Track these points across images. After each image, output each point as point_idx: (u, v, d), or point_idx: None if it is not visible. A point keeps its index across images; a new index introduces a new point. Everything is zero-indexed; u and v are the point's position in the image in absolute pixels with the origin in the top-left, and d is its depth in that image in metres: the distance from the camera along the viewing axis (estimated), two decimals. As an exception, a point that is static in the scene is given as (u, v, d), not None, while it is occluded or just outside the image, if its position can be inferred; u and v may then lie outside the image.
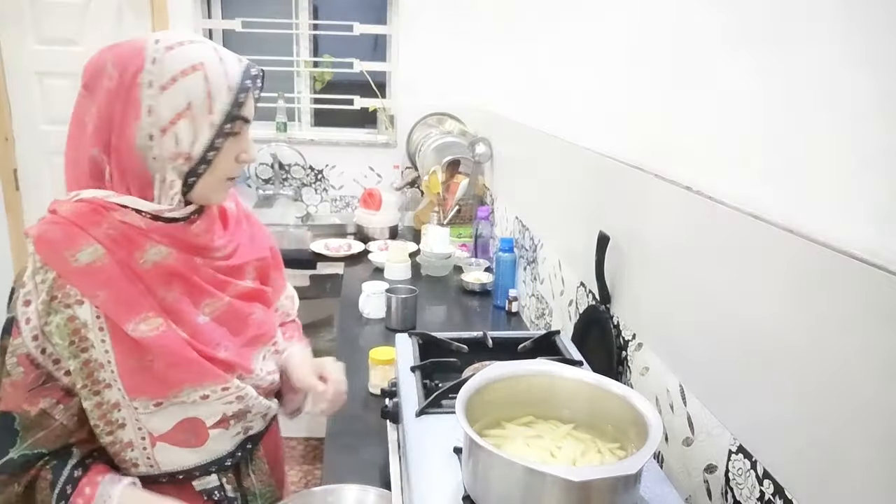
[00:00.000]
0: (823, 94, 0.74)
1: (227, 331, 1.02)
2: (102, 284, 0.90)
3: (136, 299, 0.92)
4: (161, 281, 0.94)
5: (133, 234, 0.93)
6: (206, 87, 0.90)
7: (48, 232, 0.93)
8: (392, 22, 3.25)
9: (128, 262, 0.92)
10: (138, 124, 0.90)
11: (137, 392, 0.93)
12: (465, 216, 2.75)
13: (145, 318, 0.91)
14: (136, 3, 3.04)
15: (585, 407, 0.94)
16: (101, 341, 0.91)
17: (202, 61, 0.91)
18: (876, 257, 0.65)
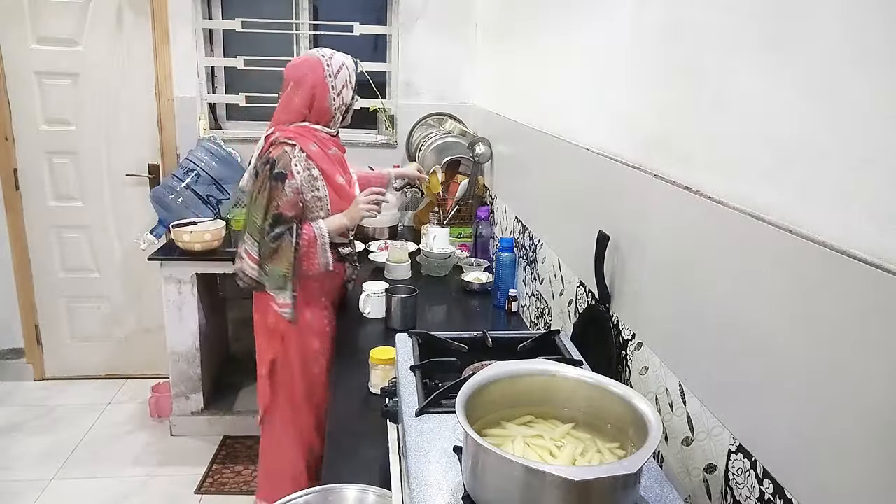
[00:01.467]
0: (824, 94, 0.74)
1: (353, 186, 2.09)
2: (321, 160, 1.96)
3: (332, 166, 2.00)
4: (334, 161, 2.02)
5: (325, 140, 2.01)
6: (347, 74, 2.00)
7: (296, 137, 1.94)
8: (392, 22, 3.25)
9: (324, 150, 1.98)
10: (330, 94, 1.98)
11: (333, 209, 2.00)
12: (465, 216, 2.75)
13: (338, 176, 2.01)
14: (136, 3, 3.04)
15: (585, 406, 0.94)
16: (322, 186, 1.97)
17: (343, 63, 2.00)
18: (876, 257, 0.65)
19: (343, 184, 2.01)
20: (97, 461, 2.76)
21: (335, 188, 1.98)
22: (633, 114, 1.28)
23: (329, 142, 2.00)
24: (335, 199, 1.98)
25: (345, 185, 2.02)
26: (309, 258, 1.94)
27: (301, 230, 1.92)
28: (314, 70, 1.94)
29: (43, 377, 3.43)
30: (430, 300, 2.19)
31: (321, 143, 1.97)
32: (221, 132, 3.33)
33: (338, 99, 1.97)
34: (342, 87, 1.97)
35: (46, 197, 3.22)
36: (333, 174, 1.98)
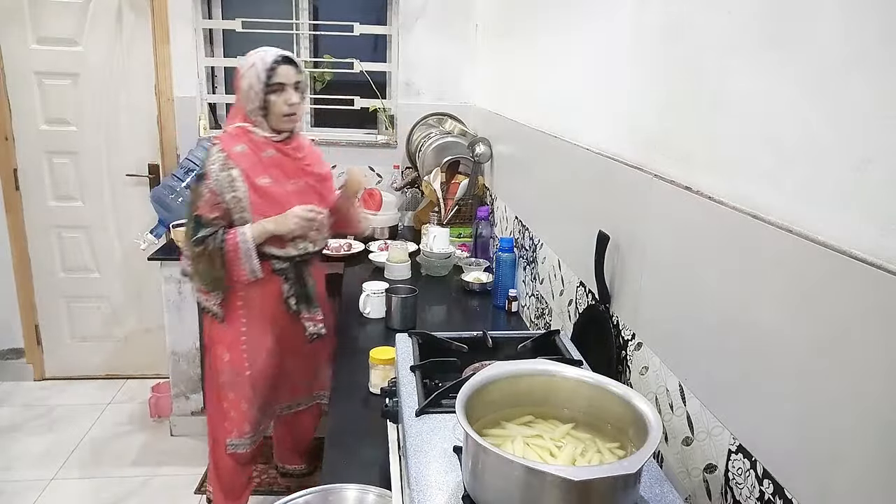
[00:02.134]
0: (824, 94, 0.74)
1: (301, 197, 1.97)
2: (244, 161, 1.91)
3: (259, 169, 1.92)
4: (270, 165, 1.95)
5: (259, 142, 1.94)
6: (256, 73, 1.90)
7: (226, 137, 1.93)
8: (392, 22, 3.25)
9: (257, 154, 1.93)
10: (242, 95, 1.94)
11: (255, 213, 1.92)
12: (465, 216, 2.74)
13: (264, 177, 1.92)
14: (136, 3, 3.04)
15: (585, 406, 0.94)
16: (243, 186, 1.90)
17: (254, 62, 1.91)
18: (876, 257, 0.65)
19: (267, 186, 1.92)
20: (97, 461, 2.76)
21: (256, 189, 1.91)
22: (633, 114, 1.28)
23: (266, 145, 1.94)
24: (257, 202, 1.91)
25: (272, 188, 1.93)
26: (234, 264, 1.92)
27: (227, 234, 1.91)
28: (237, 72, 1.96)
29: (43, 377, 3.43)
30: (430, 300, 2.19)
31: (254, 145, 1.93)
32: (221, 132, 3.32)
33: (248, 101, 1.91)
34: (248, 89, 1.90)
35: (46, 197, 3.22)
36: (256, 175, 1.91)
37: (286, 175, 1.97)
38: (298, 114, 1.96)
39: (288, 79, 1.90)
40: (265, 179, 1.92)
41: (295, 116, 1.95)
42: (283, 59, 1.90)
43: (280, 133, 1.96)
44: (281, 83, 1.89)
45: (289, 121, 1.95)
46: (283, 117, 1.93)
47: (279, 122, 1.93)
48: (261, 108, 1.90)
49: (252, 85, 1.89)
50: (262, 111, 1.91)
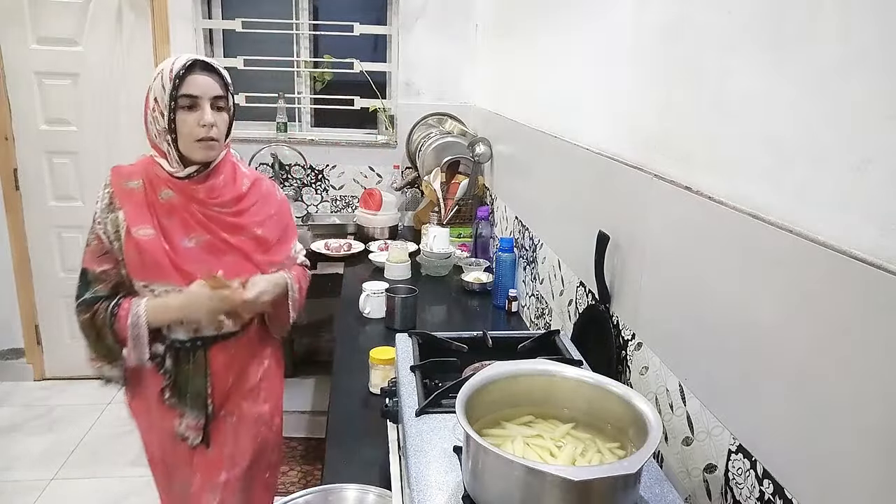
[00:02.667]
0: (824, 94, 0.74)
1: (209, 256, 1.46)
2: (130, 202, 1.43)
3: (145, 215, 1.43)
4: (166, 211, 1.45)
5: (158, 180, 1.46)
6: (161, 83, 1.40)
7: (120, 167, 1.49)
8: (392, 22, 3.25)
9: (151, 195, 1.45)
10: (146, 115, 1.45)
11: (133, 274, 1.44)
12: (465, 216, 2.74)
13: (145, 227, 1.42)
14: (136, 3, 3.04)
15: (585, 406, 0.94)
16: (117, 236, 1.42)
17: (162, 69, 1.41)
18: (876, 257, 0.65)
19: (145, 240, 1.40)
20: (97, 461, 2.76)
21: (130, 242, 1.41)
22: (633, 114, 1.28)
23: (166, 183, 1.44)
24: (134, 259, 1.41)
25: (150, 243, 1.41)
26: (123, 344, 1.45)
27: (118, 307, 1.43)
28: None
29: (43, 377, 3.43)
30: (430, 300, 2.19)
31: (152, 181, 1.45)
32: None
33: (152, 122, 1.43)
34: (152, 105, 1.41)
35: (46, 197, 3.22)
36: (136, 222, 1.41)
37: (184, 227, 1.45)
38: (218, 138, 1.43)
39: (203, 91, 1.40)
40: (144, 230, 1.41)
41: (213, 142, 1.42)
42: (198, 64, 1.41)
43: (188, 166, 1.44)
44: (192, 96, 1.39)
45: (204, 147, 1.42)
46: (195, 143, 1.41)
47: (190, 149, 1.42)
48: (167, 131, 1.40)
49: (157, 99, 1.40)
50: (168, 134, 1.40)
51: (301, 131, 3.40)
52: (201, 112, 1.40)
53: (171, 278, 1.43)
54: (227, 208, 1.49)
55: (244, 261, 1.51)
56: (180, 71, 1.38)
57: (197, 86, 1.40)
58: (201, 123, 1.40)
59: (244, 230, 1.51)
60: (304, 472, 2.72)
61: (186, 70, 1.39)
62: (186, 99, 1.39)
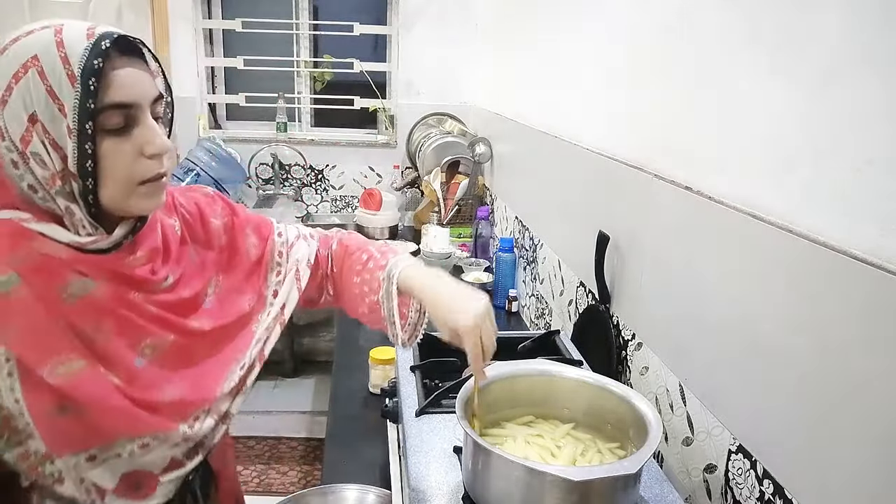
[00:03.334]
0: (824, 94, 0.74)
1: (171, 371, 0.84)
2: (14, 320, 0.73)
3: (55, 339, 0.74)
4: (89, 319, 0.77)
5: (54, 266, 0.75)
6: (44, 85, 0.70)
7: None
8: (392, 22, 3.25)
9: (48, 297, 0.74)
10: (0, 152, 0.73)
11: (62, 447, 0.76)
12: (465, 216, 2.74)
13: (66, 360, 0.74)
14: (136, 3, 3.04)
15: (585, 407, 0.94)
16: (9, 389, 0.72)
17: (35, 53, 0.71)
18: (877, 257, 0.65)
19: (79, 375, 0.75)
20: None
21: (48, 394, 0.74)
22: (633, 114, 1.28)
23: (70, 266, 0.76)
24: (57, 423, 0.75)
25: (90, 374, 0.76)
26: None
27: None
28: None
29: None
30: (430, 300, 2.18)
31: (38, 271, 0.75)
32: (221, 132, 3.33)
33: (22, 164, 0.73)
34: (19, 128, 0.72)
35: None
36: (40, 356, 0.73)
37: (126, 335, 0.80)
38: (168, 167, 0.80)
39: (141, 93, 0.76)
40: (67, 365, 0.75)
41: (165, 181, 0.80)
42: (116, 42, 0.74)
43: (112, 228, 0.79)
44: (124, 105, 0.74)
45: (153, 192, 0.79)
46: (139, 187, 0.77)
47: (125, 198, 0.77)
48: (75, 175, 0.73)
49: (37, 117, 0.71)
50: (76, 181, 0.73)
51: (301, 131, 3.40)
52: (145, 131, 0.76)
53: (141, 429, 0.80)
54: (168, 278, 0.85)
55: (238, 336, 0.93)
56: (95, 61, 0.71)
57: (130, 84, 0.75)
58: (148, 152, 0.76)
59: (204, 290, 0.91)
60: (304, 472, 2.72)
61: (101, 53, 0.72)
62: (116, 112, 0.74)
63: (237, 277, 0.97)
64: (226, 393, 0.89)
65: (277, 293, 1.00)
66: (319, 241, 1.08)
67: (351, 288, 1.04)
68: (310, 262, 1.04)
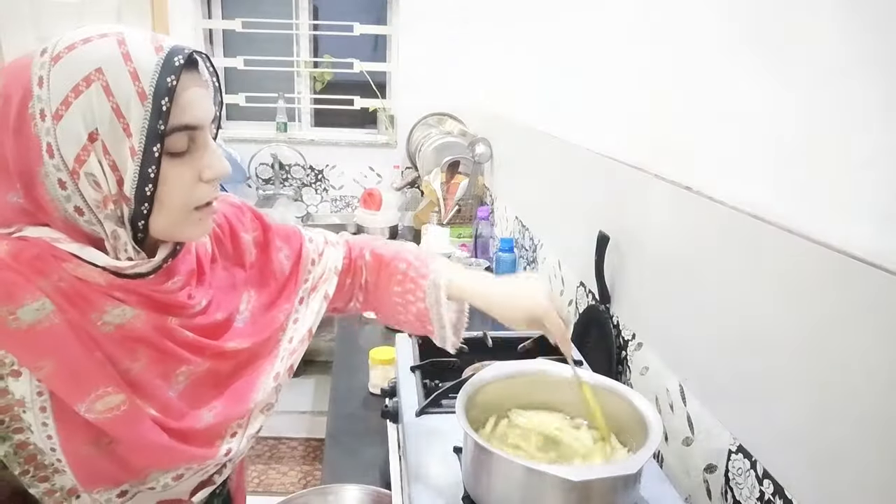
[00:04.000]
0: (824, 94, 0.74)
1: (206, 396, 0.81)
2: (50, 352, 0.67)
3: (91, 372, 0.70)
4: (125, 349, 0.73)
5: (89, 292, 0.70)
6: (109, 102, 0.65)
7: None
8: (392, 22, 3.25)
9: (83, 325, 0.69)
10: (42, 170, 0.67)
11: (94, 483, 0.72)
12: (465, 216, 2.74)
13: (103, 394, 0.70)
14: (135, 3, 3.04)
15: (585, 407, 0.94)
16: (41, 424, 0.68)
17: (98, 66, 0.65)
18: (876, 257, 0.65)
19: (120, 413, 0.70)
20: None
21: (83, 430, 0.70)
22: (632, 114, 1.28)
23: (106, 293, 0.71)
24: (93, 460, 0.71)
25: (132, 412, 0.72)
26: None
27: None
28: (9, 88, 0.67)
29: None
30: (430, 300, 2.18)
31: (70, 296, 0.69)
32: (221, 132, 3.33)
33: (79, 182, 0.67)
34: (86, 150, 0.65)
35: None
36: (76, 391, 0.68)
37: (162, 364, 0.77)
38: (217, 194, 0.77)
39: (205, 115, 0.73)
40: (105, 401, 0.70)
41: (216, 205, 0.77)
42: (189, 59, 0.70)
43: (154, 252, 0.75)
44: (191, 126, 0.70)
45: (205, 219, 0.76)
46: (192, 213, 0.74)
47: (178, 225, 0.74)
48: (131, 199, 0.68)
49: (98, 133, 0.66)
50: (130, 205, 0.69)
51: (301, 131, 3.40)
52: (208, 154, 0.73)
53: (177, 461, 0.77)
54: (201, 301, 0.82)
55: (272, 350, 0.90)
56: (168, 79, 0.67)
57: (199, 105, 0.72)
58: (208, 176, 0.73)
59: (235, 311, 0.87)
60: (304, 472, 2.72)
61: (175, 68, 0.68)
62: (183, 136, 0.70)
63: (270, 292, 0.93)
64: (259, 407, 0.86)
65: (305, 301, 0.96)
66: (345, 248, 1.05)
67: (391, 297, 1.02)
68: (337, 270, 1.00)
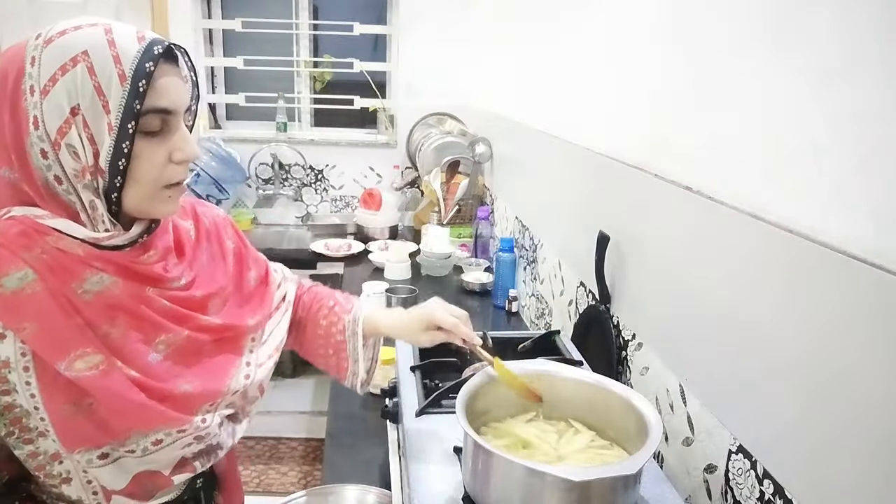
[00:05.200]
0: (823, 94, 0.74)
1: (184, 367, 0.86)
2: (31, 315, 0.74)
3: (71, 334, 0.76)
4: (104, 314, 0.79)
5: (69, 262, 0.77)
6: (92, 81, 0.73)
7: None
8: (392, 22, 3.25)
9: (63, 293, 0.76)
10: (29, 140, 0.74)
11: (75, 443, 0.77)
12: (465, 216, 2.75)
13: (82, 354, 0.75)
14: (135, 3, 3.04)
15: (585, 407, 0.94)
16: (25, 383, 0.75)
17: (85, 49, 0.75)
18: (876, 257, 0.65)
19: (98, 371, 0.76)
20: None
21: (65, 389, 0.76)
22: (633, 114, 1.28)
23: (84, 262, 0.78)
24: (73, 419, 0.77)
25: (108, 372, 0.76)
26: None
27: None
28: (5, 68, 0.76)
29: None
30: (430, 300, 2.18)
31: (51, 266, 0.76)
32: (221, 132, 3.33)
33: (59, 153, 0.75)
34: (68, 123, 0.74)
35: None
36: (57, 351, 0.75)
37: (142, 330, 0.82)
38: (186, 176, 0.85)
39: (179, 101, 0.81)
40: (85, 360, 0.76)
41: (184, 185, 0.85)
42: (164, 49, 0.78)
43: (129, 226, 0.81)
44: (165, 110, 0.78)
45: (174, 197, 0.83)
46: (162, 190, 0.81)
47: (148, 200, 0.80)
48: (104, 171, 0.75)
49: (80, 109, 0.74)
50: (103, 177, 0.76)
51: (301, 131, 3.40)
52: (178, 138, 0.80)
53: (156, 422, 0.80)
54: (181, 277, 0.88)
55: (235, 344, 0.95)
56: (147, 65, 0.75)
57: (173, 91, 0.79)
58: (178, 158, 0.80)
59: (216, 296, 0.94)
60: (304, 472, 2.72)
61: (151, 58, 0.75)
62: (156, 117, 0.77)
63: (242, 297, 1.01)
64: (232, 391, 0.90)
65: (269, 322, 1.03)
66: (297, 284, 1.16)
67: (316, 330, 1.12)
68: (291, 303, 1.10)
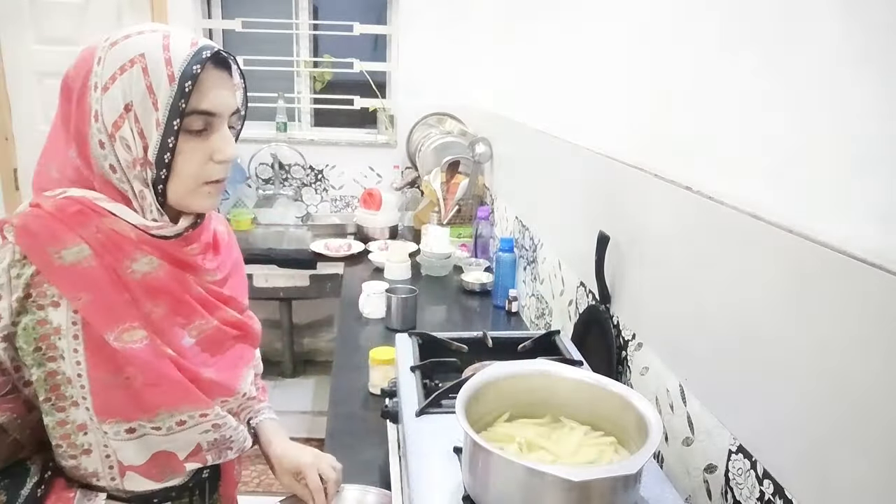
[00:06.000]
0: (823, 93, 0.74)
1: (209, 355, 0.94)
2: (87, 287, 0.81)
3: (121, 307, 0.84)
4: (149, 294, 0.87)
5: (122, 242, 0.85)
6: (145, 80, 0.81)
7: (32, 224, 0.82)
8: (392, 22, 3.25)
9: (115, 269, 0.84)
10: (90, 131, 0.83)
11: (108, 413, 0.84)
12: (465, 216, 2.75)
13: (129, 328, 0.83)
14: (136, 3, 3.04)
15: (585, 407, 0.94)
16: (73, 350, 0.82)
17: (142, 52, 0.82)
18: (876, 257, 0.65)
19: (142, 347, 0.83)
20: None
21: (109, 358, 0.82)
22: (632, 114, 1.28)
23: (137, 245, 0.85)
24: (112, 389, 0.83)
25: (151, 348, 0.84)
26: None
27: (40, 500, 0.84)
28: (79, 67, 0.90)
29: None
30: (430, 300, 2.19)
31: (106, 245, 0.83)
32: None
33: (115, 144, 0.82)
34: (112, 113, 0.81)
35: (46, 197, 3.22)
36: (107, 321, 0.82)
37: (178, 314, 0.90)
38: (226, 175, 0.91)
39: (224, 106, 0.87)
40: (131, 334, 0.83)
41: (222, 185, 0.91)
42: (214, 56, 0.85)
43: (176, 218, 0.90)
44: (209, 113, 0.85)
45: (213, 194, 0.90)
46: (202, 187, 0.88)
47: (189, 195, 0.87)
48: (152, 164, 0.83)
49: (132, 107, 0.81)
50: (151, 169, 0.83)
51: (301, 131, 3.40)
52: (219, 139, 0.86)
53: (185, 401, 0.87)
54: (217, 272, 0.98)
55: (246, 347, 1.02)
56: (194, 67, 0.81)
57: (218, 97, 0.85)
58: (218, 158, 0.87)
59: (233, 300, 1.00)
60: (304, 472, 2.72)
61: (199, 61, 0.82)
62: (199, 118, 0.84)
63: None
64: (241, 393, 0.98)
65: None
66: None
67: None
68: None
